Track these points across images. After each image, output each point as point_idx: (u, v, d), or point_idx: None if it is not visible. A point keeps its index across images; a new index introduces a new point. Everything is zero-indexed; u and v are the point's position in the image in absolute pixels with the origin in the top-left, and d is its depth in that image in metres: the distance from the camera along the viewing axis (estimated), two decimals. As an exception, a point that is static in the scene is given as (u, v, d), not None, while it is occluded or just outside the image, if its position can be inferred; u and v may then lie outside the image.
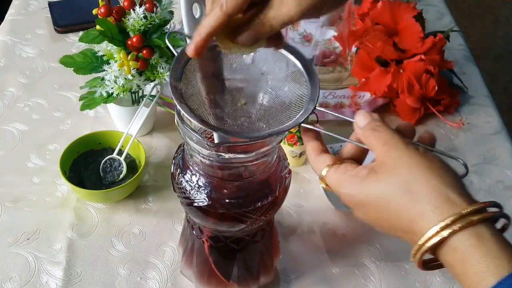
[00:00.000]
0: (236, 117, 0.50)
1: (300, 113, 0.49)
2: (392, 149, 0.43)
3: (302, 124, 0.48)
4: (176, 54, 0.49)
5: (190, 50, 0.44)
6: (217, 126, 0.47)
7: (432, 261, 0.43)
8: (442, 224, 0.39)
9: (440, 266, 0.43)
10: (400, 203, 0.41)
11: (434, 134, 0.47)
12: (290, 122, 0.48)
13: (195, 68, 0.49)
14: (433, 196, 0.40)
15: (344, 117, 0.50)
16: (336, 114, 0.50)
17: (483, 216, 0.39)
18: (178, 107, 0.46)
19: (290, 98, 0.51)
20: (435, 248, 0.40)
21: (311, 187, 0.86)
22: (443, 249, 0.40)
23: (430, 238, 0.40)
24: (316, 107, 0.48)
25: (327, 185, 0.47)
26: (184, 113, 0.46)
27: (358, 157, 0.49)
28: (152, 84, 0.84)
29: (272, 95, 0.51)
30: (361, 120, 0.46)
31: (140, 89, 0.82)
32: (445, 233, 0.39)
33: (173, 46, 0.50)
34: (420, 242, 0.40)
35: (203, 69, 0.50)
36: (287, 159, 0.61)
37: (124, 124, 0.89)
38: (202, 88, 0.49)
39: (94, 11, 0.78)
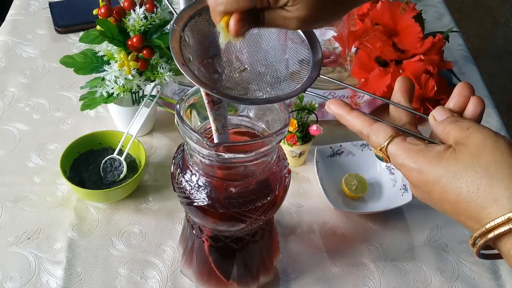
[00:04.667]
0: (237, 83, 0.48)
1: (304, 80, 0.47)
2: (477, 132, 0.41)
3: (330, 104, 0.46)
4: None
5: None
6: (220, 91, 0.46)
7: (486, 249, 0.41)
8: None
9: (497, 256, 0.41)
10: (476, 185, 0.39)
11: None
12: (296, 88, 0.47)
13: (194, 30, 0.48)
14: None
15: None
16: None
17: None
18: (181, 70, 0.44)
19: (292, 67, 0.49)
20: (500, 237, 0.38)
21: (310, 187, 0.86)
22: (510, 240, 0.38)
23: (499, 225, 0.37)
24: (320, 75, 0.47)
25: (386, 156, 0.44)
26: (188, 77, 0.44)
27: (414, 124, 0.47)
28: (152, 84, 0.85)
29: (273, 63, 0.50)
30: (440, 114, 0.45)
31: (140, 89, 0.83)
32: None
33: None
34: (487, 227, 0.38)
35: (201, 34, 0.48)
36: (286, 159, 0.62)
37: (124, 124, 0.89)
38: (202, 52, 0.48)
39: (95, 12, 0.78)
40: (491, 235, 0.38)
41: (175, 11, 0.48)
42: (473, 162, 0.39)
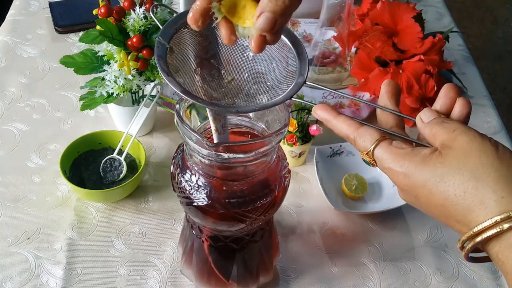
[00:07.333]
0: (224, 93, 0.49)
1: (290, 87, 0.48)
2: (463, 134, 0.41)
3: (317, 110, 0.46)
4: (161, 27, 0.48)
5: (189, 18, 0.42)
6: (207, 100, 0.46)
7: (475, 252, 0.41)
8: (505, 215, 0.36)
9: (486, 259, 0.41)
10: (462, 189, 0.38)
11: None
12: (281, 96, 0.47)
13: (181, 42, 0.48)
14: (500, 186, 0.37)
15: (369, 103, 0.49)
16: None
17: None
18: (166, 80, 0.45)
19: (280, 74, 0.50)
20: (488, 241, 0.38)
21: (310, 187, 0.86)
22: (497, 243, 0.38)
23: (487, 228, 0.37)
24: (306, 82, 0.48)
25: (373, 160, 0.44)
26: (173, 87, 0.45)
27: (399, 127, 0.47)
28: (152, 84, 0.85)
29: (260, 72, 0.50)
30: (427, 116, 0.44)
31: (140, 89, 0.83)
32: (506, 225, 0.36)
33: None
34: (475, 231, 0.38)
35: (190, 45, 0.49)
36: (286, 159, 0.62)
37: (124, 124, 0.89)
38: (189, 63, 0.49)
39: (95, 12, 0.78)
40: (479, 238, 0.38)
41: (160, 25, 0.49)
42: (459, 165, 0.39)
